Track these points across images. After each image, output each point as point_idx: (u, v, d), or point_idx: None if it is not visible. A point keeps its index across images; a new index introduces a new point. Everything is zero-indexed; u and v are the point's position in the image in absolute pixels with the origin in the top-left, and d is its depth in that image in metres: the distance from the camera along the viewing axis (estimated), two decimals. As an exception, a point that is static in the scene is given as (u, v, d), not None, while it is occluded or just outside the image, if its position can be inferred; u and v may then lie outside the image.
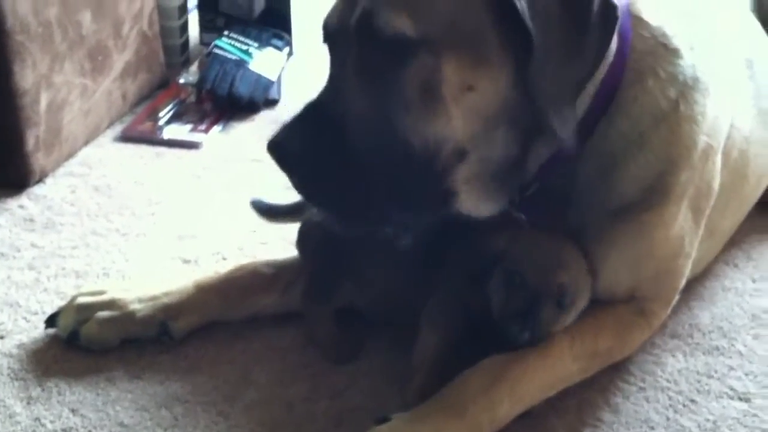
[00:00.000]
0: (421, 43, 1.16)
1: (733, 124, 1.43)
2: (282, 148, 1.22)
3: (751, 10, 1.77)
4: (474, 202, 1.28)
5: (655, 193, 1.31)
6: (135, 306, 1.45)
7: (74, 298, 1.48)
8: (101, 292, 1.48)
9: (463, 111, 1.18)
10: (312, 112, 1.23)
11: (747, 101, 1.51)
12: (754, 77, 1.53)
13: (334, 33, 1.25)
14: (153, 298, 1.46)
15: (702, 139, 1.32)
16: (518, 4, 1.14)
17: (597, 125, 1.28)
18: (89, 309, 1.45)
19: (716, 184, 1.41)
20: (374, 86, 1.19)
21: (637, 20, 1.29)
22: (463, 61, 1.16)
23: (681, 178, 1.32)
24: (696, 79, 1.31)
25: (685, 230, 1.38)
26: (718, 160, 1.40)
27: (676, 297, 1.45)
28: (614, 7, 1.19)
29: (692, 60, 1.31)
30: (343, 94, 1.21)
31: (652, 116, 1.29)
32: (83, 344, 1.44)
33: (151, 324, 1.45)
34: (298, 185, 1.25)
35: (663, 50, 1.29)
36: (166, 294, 1.47)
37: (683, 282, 1.44)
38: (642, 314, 1.41)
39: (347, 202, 1.23)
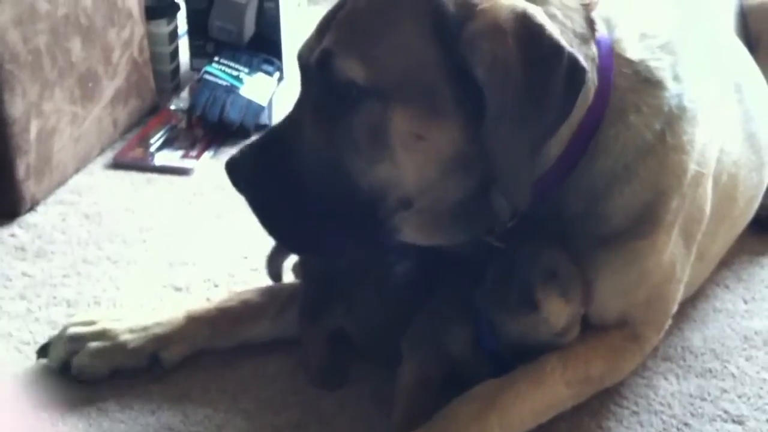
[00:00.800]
0: (371, 91, 1.17)
1: (723, 149, 1.44)
2: (237, 169, 1.28)
3: (735, 33, 1.78)
4: (417, 238, 1.30)
5: (646, 222, 1.31)
6: (126, 337, 1.45)
7: (65, 328, 1.48)
8: (92, 322, 1.48)
9: (412, 158, 1.19)
10: (273, 138, 1.28)
11: (736, 125, 1.51)
12: (743, 101, 1.54)
13: (303, 65, 1.27)
14: (144, 329, 1.46)
15: (692, 168, 1.32)
16: (477, 71, 1.14)
17: (577, 164, 1.27)
18: (80, 340, 1.45)
19: (707, 209, 1.41)
20: (328, 125, 1.21)
21: (619, 59, 1.28)
22: (413, 112, 1.17)
23: (671, 207, 1.32)
24: (683, 109, 1.31)
25: (677, 256, 1.38)
26: (709, 185, 1.40)
27: (668, 321, 1.45)
28: (583, 72, 1.17)
29: (678, 90, 1.31)
30: (301, 126, 1.24)
31: (637, 150, 1.28)
32: (75, 374, 1.43)
33: (142, 355, 1.45)
34: (251, 205, 1.29)
35: (645, 85, 1.29)
36: (157, 324, 1.47)
37: (675, 307, 1.45)
38: (634, 340, 1.41)
39: (293, 229, 1.27)
